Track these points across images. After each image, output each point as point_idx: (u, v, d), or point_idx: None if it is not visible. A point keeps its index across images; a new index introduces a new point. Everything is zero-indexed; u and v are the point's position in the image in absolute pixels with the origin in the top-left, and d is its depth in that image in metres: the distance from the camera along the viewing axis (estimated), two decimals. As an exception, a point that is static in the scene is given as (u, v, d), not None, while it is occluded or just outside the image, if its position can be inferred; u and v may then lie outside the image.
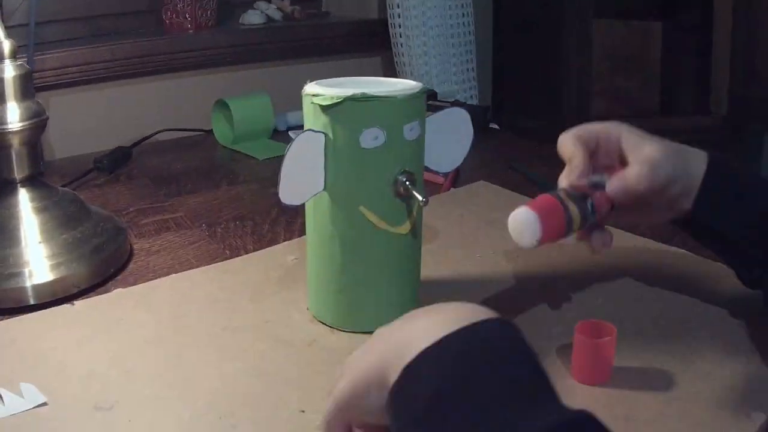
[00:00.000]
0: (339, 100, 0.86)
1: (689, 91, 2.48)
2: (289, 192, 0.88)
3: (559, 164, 0.90)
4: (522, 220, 0.81)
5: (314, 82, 0.93)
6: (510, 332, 0.58)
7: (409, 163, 0.92)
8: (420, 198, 0.89)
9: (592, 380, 0.83)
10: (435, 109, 0.98)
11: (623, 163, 0.88)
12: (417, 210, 0.95)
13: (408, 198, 0.92)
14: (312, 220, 0.96)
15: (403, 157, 0.91)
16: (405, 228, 0.94)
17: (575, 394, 0.82)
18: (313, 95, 0.89)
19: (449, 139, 0.99)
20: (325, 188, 0.92)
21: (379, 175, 0.90)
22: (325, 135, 0.89)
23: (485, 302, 1.01)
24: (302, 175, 0.89)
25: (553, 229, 0.81)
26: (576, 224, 0.83)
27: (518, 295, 1.05)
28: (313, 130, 0.89)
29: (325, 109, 0.88)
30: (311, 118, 0.91)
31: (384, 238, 0.93)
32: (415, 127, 0.91)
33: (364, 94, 0.86)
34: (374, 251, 0.94)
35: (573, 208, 0.82)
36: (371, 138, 0.88)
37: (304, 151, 0.89)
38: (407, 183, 0.90)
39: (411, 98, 0.89)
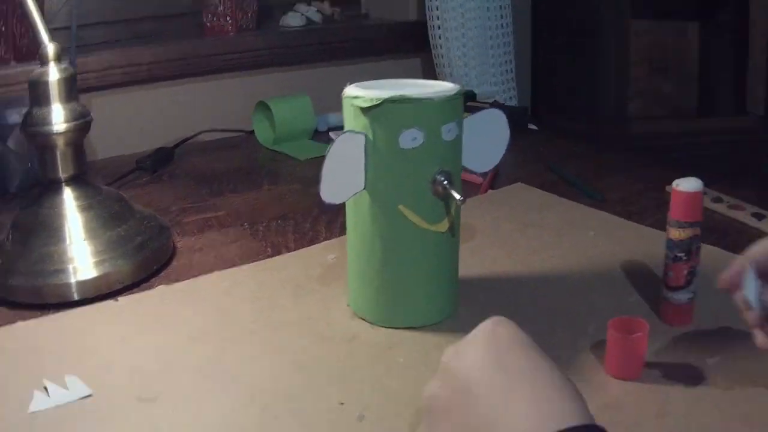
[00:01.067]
0: (378, 102, 0.88)
1: (727, 92, 2.47)
2: (330, 191, 0.90)
3: (595, 163, 0.91)
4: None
5: (354, 84, 0.94)
6: None
7: (447, 163, 0.93)
8: (457, 197, 0.90)
9: (624, 375, 0.84)
10: (474, 110, 0.99)
11: None
12: (455, 208, 0.96)
13: (446, 197, 0.93)
14: (352, 218, 0.98)
15: (441, 157, 0.92)
16: (443, 226, 0.95)
17: (608, 388, 0.83)
18: (353, 97, 0.90)
19: (486, 139, 1.00)
20: (365, 187, 0.93)
21: (418, 175, 0.92)
22: (365, 136, 0.91)
23: (521, 301, 1.02)
24: (343, 175, 0.91)
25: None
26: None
27: (554, 294, 1.05)
28: (353, 131, 0.91)
29: (364, 110, 0.89)
30: (351, 119, 0.92)
31: (423, 235, 0.94)
32: (453, 128, 0.92)
33: (402, 96, 0.88)
34: (413, 249, 0.95)
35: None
36: (410, 139, 0.89)
37: (344, 150, 0.90)
38: (445, 182, 0.91)
39: (448, 100, 0.90)
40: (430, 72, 2.22)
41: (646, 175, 1.54)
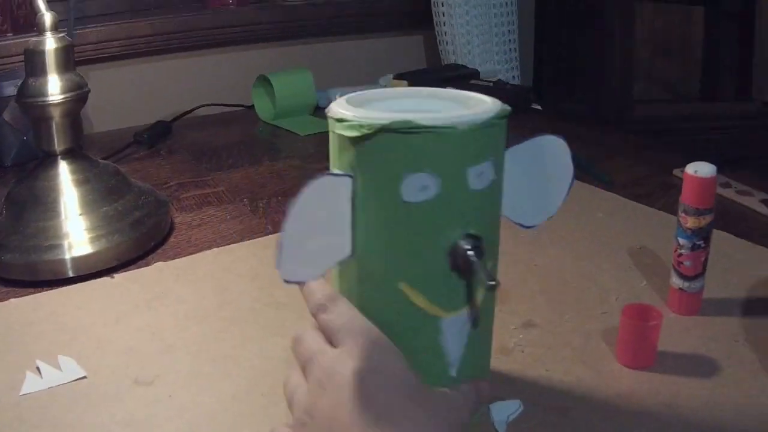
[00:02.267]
0: (370, 131, 0.59)
1: (731, 77, 2.46)
2: (295, 261, 0.62)
3: (600, 146, 0.87)
4: None
5: (345, 95, 0.67)
6: None
7: (476, 223, 0.64)
8: (488, 282, 0.60)
9: (636, 364, 0.82)
10: (478, 89, 0.75)
11: None
12: (485, 290, 0.66)
13: (470, 273, 0.64)
14: (338, 292, 0.68)
15: (467, 215, 0.63)
16: (463, 313, 0.67)
17: (620, 377, 0.80)
18: (337, 120, 0.62)
19: (536, 179, 0.72)
20: (352, 254, 0.65)
21: (430, 241, 0.63)
22: (352, 178, 0.62)
23: (529, 284, 1.00)
24: (318, 235, 0.62)
25: None
26: None
27: (564, 276, 1.03)
28: (333, 174, 0.63)
29: (352, 141, 0.61)
30: (336, 150, 0.64)
31: (433, 325, 0.66)
32: (487, 170, 0.63)
33: (407, 121, 0.58)
34: (420, 340, 0.66)
35: None
36: (417, 188, 0.60)
37: (321, 200, 0.61)
38: (470, 253, 0.62)
39: (482, 128, 0.61)
40: (432, 49, 2.19)
41: (651, 158, 1.52)
